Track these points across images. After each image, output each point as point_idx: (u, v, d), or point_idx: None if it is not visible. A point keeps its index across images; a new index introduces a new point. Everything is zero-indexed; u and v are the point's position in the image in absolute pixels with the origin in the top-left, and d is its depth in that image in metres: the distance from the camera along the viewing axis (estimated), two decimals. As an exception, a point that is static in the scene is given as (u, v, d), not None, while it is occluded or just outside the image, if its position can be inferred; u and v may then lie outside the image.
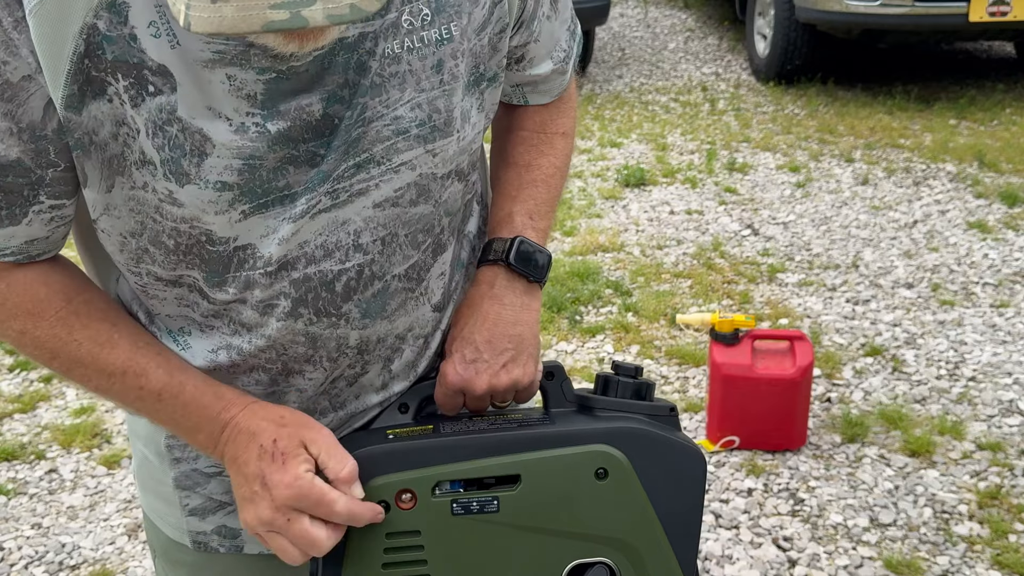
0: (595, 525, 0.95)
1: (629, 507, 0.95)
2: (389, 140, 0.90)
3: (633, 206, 4.55)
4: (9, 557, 2.43)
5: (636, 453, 0.95)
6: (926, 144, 5.24)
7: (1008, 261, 3.86)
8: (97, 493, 2.66)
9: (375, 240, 0.93)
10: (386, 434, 0.97)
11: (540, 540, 0.94)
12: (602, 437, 0.95)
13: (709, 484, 2.61)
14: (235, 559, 1.08)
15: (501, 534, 0.93)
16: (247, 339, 0.95)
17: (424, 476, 0.91)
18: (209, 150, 0.84)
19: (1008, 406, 2.92)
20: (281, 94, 0.84)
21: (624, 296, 3.65)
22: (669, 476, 0.96)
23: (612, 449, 0.94)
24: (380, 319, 0.98)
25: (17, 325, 0.91)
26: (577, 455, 0.94)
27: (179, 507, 1.07)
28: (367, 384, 1.02)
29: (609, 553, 0.95)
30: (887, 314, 3.48)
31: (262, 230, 0.88)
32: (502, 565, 0.93)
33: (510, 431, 0.95)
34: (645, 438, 0.96)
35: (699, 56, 7.31)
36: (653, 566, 0.96)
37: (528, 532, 0.94)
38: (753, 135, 5.51)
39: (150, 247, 0.89)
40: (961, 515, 2.47)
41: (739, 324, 2.72)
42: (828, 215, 4.38)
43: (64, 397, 3.11)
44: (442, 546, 0.92)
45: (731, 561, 2.34)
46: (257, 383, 0.98)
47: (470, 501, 0.92)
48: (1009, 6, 5.43)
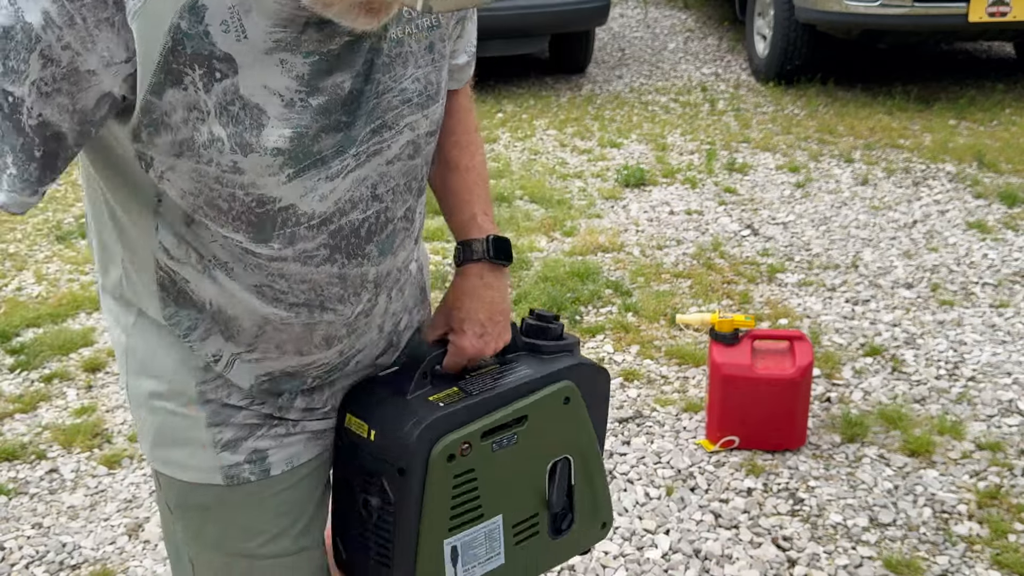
0: (563, 437, 1.38)
1: (580, 421, 1.39)
2: (397, 108, 1.11)
3: (633, 206, 4.56)
4: (10, 557, 2.43)
5: (581, 382, 1.37)
6: (926, 144, 5.24)
7: (1007, 261, 3.86)
8: (98, 493, 2.66)
9: (388, 190, 1.15)
10: (437, 403, 1.26)
11: (537, 454, 1.36)
12: (564, 375, 1.35)
13: (709, 484, 2.62)
14: (259, 485, 1.24)
15: (518, 458, 1.33)
16: (287, 284, 1.14)
17: (474, 430, 1.26)
18: (265, 122, 1.01)
19: (1008, 406, 2.92)
20: (320, 74, 1.03)
21: (624, 296, 3.65)
22: (595, 395, 1.41)
23: (571, 383, 1.36)
24: (389, 255, 1.20)
25: None
26: (554, 392, 1.34)
27: (212, 446, 1.21)
28: (376, 315, 1.25)
29: (568, 452, 1.40)
30: (887, 314, 3.48)
31: (301, 191, 1.06)
32: (519, 477, 1.34)
33: (511, 384, 1.31)
34: (583, 368, 1.39)
35: (699, 56, 7.31)
36: (592, 459, 1.43)
37: (531, 452, 1.35)
38: (753, 135, 5.51)
39: (205, 207, 1.06)
40: (961, 515, 2.48)
41: (739, 324, 2.72)
42: (828, 215, 4.38)
43: (65, 397, 3.11)
44: (487, 475, 1.29)
45: (731, 561, 2.34)
46: (297, 315, 1.17)
47: (501, 439, 1.30)
48: (1009, 6, 5.43)
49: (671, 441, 2.81)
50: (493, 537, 1.34)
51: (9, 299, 3.80)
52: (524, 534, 1.38)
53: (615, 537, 2.43)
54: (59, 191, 4.97)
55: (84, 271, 4.03)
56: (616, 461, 2.72)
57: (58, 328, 3.52)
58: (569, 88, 6.65)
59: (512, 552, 1.37)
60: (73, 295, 3.78)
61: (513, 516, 1.36)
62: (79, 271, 4.03)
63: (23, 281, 3.97)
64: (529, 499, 1.37)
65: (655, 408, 2.97)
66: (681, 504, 2.54)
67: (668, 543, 2.40)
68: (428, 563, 1.28)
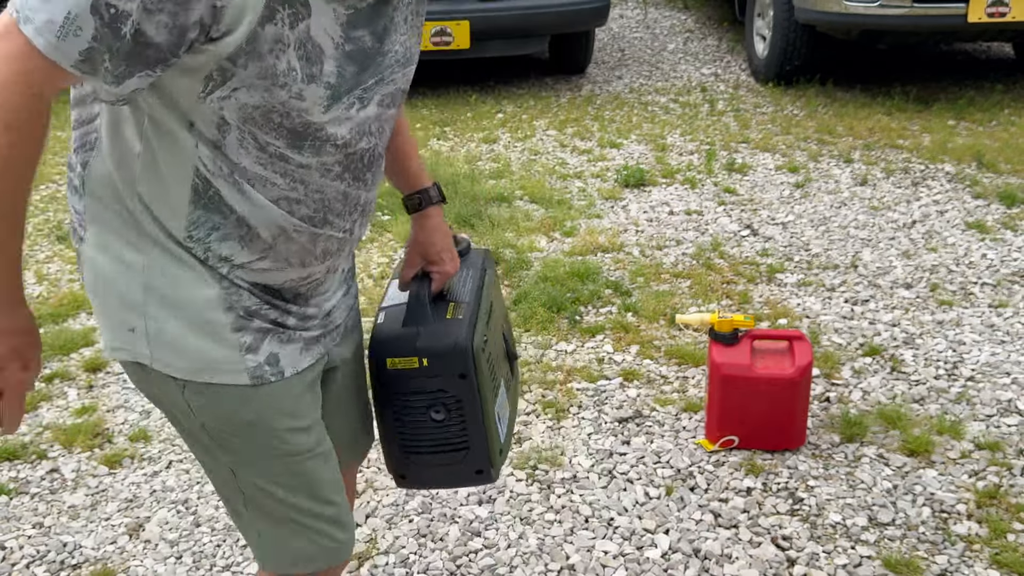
0: (500, 306, 1.80)
1: (499, 290, 1.83)
2: (391, 66, 1.36)
3: (633, 206, 4.56)
4: (11, 556, 2.44)
5: (488, 263, 1.77)
6: (925, 144, 5.24)
7: (1006, 261, 3.87)
8: (98, 492, 2.67)
9: (380, 128, 1.40)
10: (455, 318, 1.59)
11: (498, 325, 1.75)
12: (487, 265, 1.76)
13: (709, 484, 2.62)
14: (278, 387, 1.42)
15: (494, 332, 1.70)
16: (308, 192, 1.35)
17: (483, 324, 1.62)
18: (323, 59, 1.25)
19: (1007, 406, 2.92)
20: (353, 25, 1.28)
21: (624, 296, 3.66)
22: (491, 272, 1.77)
23: (493, 269, 1.78)
24: (375, 184, 1.46)
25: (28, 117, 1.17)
26: (493, 280, 1.75)
27: (238, 349, 1.39)
28: (353, 240, 1.48)
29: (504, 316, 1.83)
30: (886, 314, 3.49)
31: (331, 117, 1.30)
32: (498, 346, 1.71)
33: (474, 286, 1.68)
34: (485, 253, 1.79)
35: (698, 57, 7.32)
36: (507, 317, 1.86)
37: (497, 324, 1.73)
38: (752, 136, 5.52)
39: (259, 119, 1.26)
40: (960, 514, 2.48)
41: (738, 324, 2.73)
42: (827, 215, 4.39)
43: (66, 397, 3.12)
44: (491, 351, 1.64)
45: (730, 560, 2.35)
46: (307, 225, 1.37)
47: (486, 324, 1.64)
48: (1008, 7, 5.44)
49: (671, 441, 2.81)
50: (502, 397, 1.70)
51: (10, 299, 3.80)
52: (508, 387, 1.76)
53: (615, 536, 2.43)
54: (59, 191, 4.97)
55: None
56: (616, 461, 2.73)
57: (59, 328, 3.53)
58: (569, 88, 6.66)
59: (509, 403, 1.77)
60: (74, 295, 3.78)
61: (504, 376, 1.74)
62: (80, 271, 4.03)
63: (24, 281, 3.97)
64: (503, 360, 1.75)
65: (655, 408, 2.97)
66: (681, 504, 2.55)
67: (668, 543, 2.40)
68: (492, 431, 1.62)
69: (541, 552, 2.39)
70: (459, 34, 5.96)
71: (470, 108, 6.25)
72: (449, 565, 2.35)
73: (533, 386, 3.10)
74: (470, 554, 2.39)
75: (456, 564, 2.35)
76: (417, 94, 6.59)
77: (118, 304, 1.39)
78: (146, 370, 1.41)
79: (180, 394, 1.41)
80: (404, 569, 2.35)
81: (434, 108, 6.29)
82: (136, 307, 1.37)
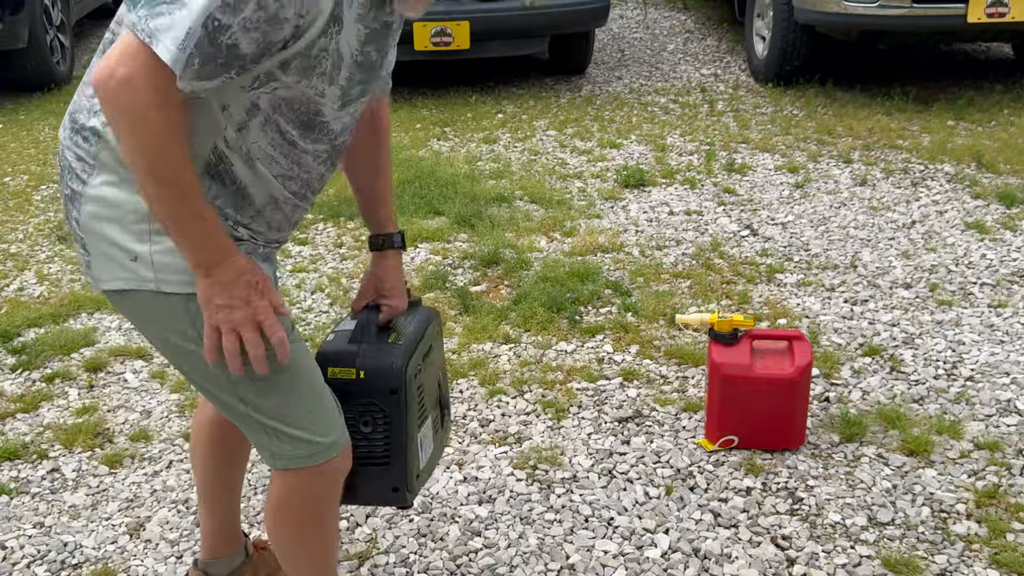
0: (438, 355, 2.00)
1: (441, 344, 2.03)
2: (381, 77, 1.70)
3: (632, 207, 4.57)
4: (11, 556, 2.44)
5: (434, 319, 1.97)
6: (924, 145, 5.25)
7: (1006, 261, 3.87)
8: (99, 492, 2.67)
9: (351, 126, 1.71)
10: (395, 344, 1.81)
11: (433, 369, 1.95)
12: (433, 313, 1.97)
13: (708, 483, 2.63)
14: None
15: (429, 372, 1.91)
16: (300, 172, 1.65)
17: (420, 355, 1.85)
18: (343, 67, 1.54)
19: (1006, 405, 2.93)
20: (366, 42, 1.56)
21: (623, 296, 3.66)
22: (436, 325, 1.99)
23: (438, 320, 1.99)
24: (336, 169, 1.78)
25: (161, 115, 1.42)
26: (436, 326, 1.97)
27: None
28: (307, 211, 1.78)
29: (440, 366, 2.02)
30: (885, 314, 3.49)
31: (334, 116, 1.62)
32: (431, 386, 1.93)
33: (418, 325, 1.89)
34: (434, 311, 1.98)
35: (698, 57, 7.32)
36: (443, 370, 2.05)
37: (433, 367, 1.95)
38: (752, 136, 5.52)
39: (286, 109, 1.55)
40: (959, 514, 2.49)
41: (738, 324, 2.73)
42: (826, 215, 4.39)
43: (66, 397, 3.12)
44: (424, 384, 1.87)
45: (730, 560, 2.35)
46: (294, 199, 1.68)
47: (426, 362, 1.89)
48: (1007, 7, 5.44)
49: (670, 441, 2.81)
50: (427, 429, 1.90)
51: (11, 299, 3.81)
52: (435, 426, 1.96)
53: (615, 536, 2.44)
54: (60, 191, 4.98)
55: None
56: (616, 460, 2.73)
57: (59, 328, 3.53)
58: (569, 89, 6.66)
59: (434, 440, 1.95)
60: (74, 295, 3.79)
61: (433, 414, 1.94)
62: (80, 271, 4.04)
63: (25, 281, 3.98)
64: (433, 400, 1.95)
65: (654, 408, 2.98)
66: (680, 503, 2.55)
67: (667, 542, 2.41)
68: (412, 453, 1.81)
69: (541, 552, 2.39)
70: (459, 34, 5.96)
71: (470, 108, 6.26)
72: (449, 565, 2.35)
73: (533, 386, 3.10)
74: (470, 554, 2.39)
75: (456, 564, 2.36)
76: (417, 94, 6.60)
77: (120, 232, 1.59)
78: (142, 295, 1.61)
79: (183, 306, 1.59)
80: (404, 569, 2.35)
81: (434, 108, 6.29)
82: (141, 233, 1.58)
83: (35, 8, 6.43)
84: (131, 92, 1.39)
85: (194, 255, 1.52)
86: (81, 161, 1.60)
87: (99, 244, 1.61)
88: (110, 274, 1.62)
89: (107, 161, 1.58)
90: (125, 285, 1.61)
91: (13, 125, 6.12)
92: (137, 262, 1.58)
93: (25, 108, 6.47)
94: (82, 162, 1.60)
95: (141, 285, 1.59)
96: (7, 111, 6.43)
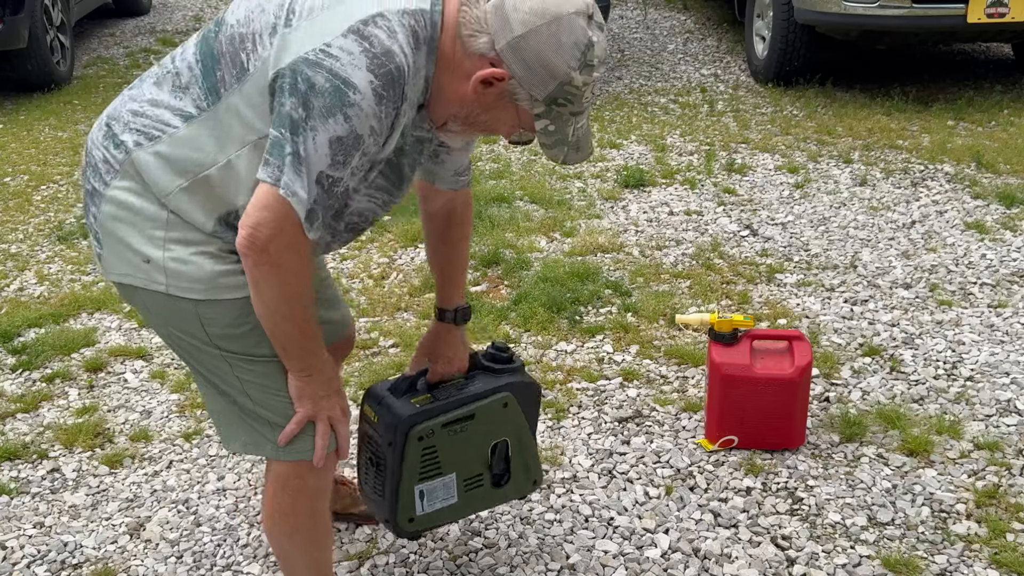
0: (502, 427, 2.12)
1: (515, 417, 2.12)
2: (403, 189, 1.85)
3: (632, 207, 4.57)
4: (11, 556, 2.44)
5: (517, 392, 2.11)
6: (924, 145, 5.25)
7: (1006, 261, 3.87)
8: (99, 492, 2.67)
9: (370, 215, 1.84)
10: (415, 404, 2.02)
11: (482, 438, 2.10)
12: (504, 388, 2.09)
13: (708, 483, 2.63)
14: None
15: (469, 439, 2.08)
16: (327, 236, 1.77)
17: (436, 423, 2.02)
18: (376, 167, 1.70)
19: (1006, 406, 2.93)
20: (399, 153, 1.74)
21: (623, 296, 3.66)
22: (528, 400, 2.14)
23: (509, 394, 2.09)
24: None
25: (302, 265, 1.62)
26: (496, 400, 2.08)
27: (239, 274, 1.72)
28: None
29: (506, 436, 2.13)
30: (885, 314, 3.49)
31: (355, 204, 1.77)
32: (469, 451, 2.09)
33: (467, 393, 2.06)
34: (519, 384, 2.12)
35: (698, 58, 7.32)
36: (524, 439, 2.16)
37: (478, 436, 2.09)
38: (752, 136, 5.52)
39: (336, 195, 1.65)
40: (959, 514, 2.49)
41: (738, 324, 2.73)
42: (826, 216, 4.39)
43: (67, 397, 3.12)
44: (445, 450, 2.05)
45: (730, 560, 2.35)
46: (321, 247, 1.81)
47: (456, 428, 2.05)
48: (1007, 7, 5.44)
49: (670, 440, 2.82)
50: (448, 486, 2.10)
51: (11, 299, 3.81)
52: (471, 485, 2.13)
53: (615, 536, 2.44)
54: (60, 191, 4.97)
55: (85, 271, 4.03)
56: (616, 460, 2.73)
57: (60, 328, 3.53)
58: (568, 89, 6.66)
59: (463, 495, 2.13)
60: (75, 295, 3.79)
61: (464, 473, 2.11)
62: (80, 271, 4.04)
63: (25, 281, 3.98)
64: (476, 464, 2.12)
65: (654, 408, 2.98)
66: (680, 503, 2.55)
67: (667, 542, 2.41)
68: (405, 499, 2.05)
69: (541, 552, 2.39)
70: (459, 35, 5.96)
71: (470, 108, 6.25)
72: (449, 565, 2.35)
73: (533, 386, 3.11)
74: (470, 554, 2.39)
75: (456, 564, 2.36)
76: (417, 94, 6.59)
77: (136, 236, 1.67)
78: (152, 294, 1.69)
79: (193, 311, 1.68)
80: (404, 569, 2.35)
81: (434, 108, 6.28)
82: (156, 240, 1.66)
83: (35, 8, 6.43)
84: (278, 251, 1.57)
85: (298, 364, 1.73)
86: (107, 163, 1.69)
87: (114, 242, 1.70)
88: (122, 269, 1.70)
89: (130, 171, 1.67)
90: (135, 282, 1.70)
91: (13, 125, 6.12)
92: (150, 264, 1.66)
93: (25, 108, 6.47)
94: (107, 164, 1.69)
95: (151, 285, 1.68)
96: (7, 111, 6.43)
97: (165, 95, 1.65)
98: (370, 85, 1.50)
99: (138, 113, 1.67)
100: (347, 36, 1.49)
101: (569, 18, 1.52)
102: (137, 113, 1.67)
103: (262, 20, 1.58)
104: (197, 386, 1.99)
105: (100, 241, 1.72)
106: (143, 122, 1.66)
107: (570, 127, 1.62)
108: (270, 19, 1.58)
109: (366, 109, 1.51)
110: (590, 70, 1.56)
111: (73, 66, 7.23)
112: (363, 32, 1.50)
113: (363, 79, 1.49)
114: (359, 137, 1.53)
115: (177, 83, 1.65)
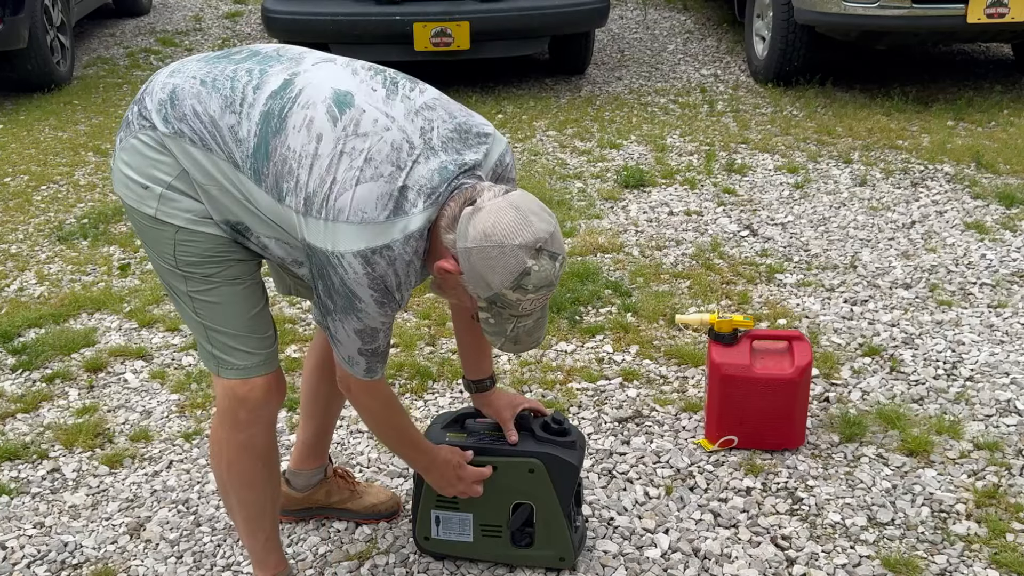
0: (526, 490, 2.23)
1: (542, 485, 2.22)
2: None
3: (632, 207, 4.57)
4: (11, 556, 2.44)
5: (550, 464, 2.21)
6: (924, 145, 5.25)
7: (1005, 261, 3.88)
8: (99, 492, 2.67)
9: None
10: (447, 435, 2.28)
11: (503, 493, 2.24)
12: (536, 456, 2.21)
13: (708, 483, 2.63)
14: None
15: (488, 488, 2.22)
16: None
17: None
18: None
19: (1006, 406, 2.93)
20: None
21: (623, 296, 3.66)
22: (561, 474, 2.22)
23: (537, 461, 2.21)
24: None
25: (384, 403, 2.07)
26: (521, 462, 2.22)
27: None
28: None
29: (530, 500, 2.23)
30: (885, 314, 3.50)
31: None
32: (488, 500, 2.23)
33: (497, 445, 2.24)
34: (555, 457, 2.21)
35: (698, 58, 7.32)
36: (550, 511, 2.23)
37: (498, 489, 2.23)
38: (752, 136, 5.52)
39: None
40: (959, 514, 2.49)
41: (738, 324, 2.73)
42: (826, 216, 4.39)
43: (67, 397, 3.12)
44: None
45: (730, 560, 2.35)
46: None
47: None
48: (1007, 8, 5.44)
49: (670, 441, 2.82)
50: (464, 523, 2.28)
51: (11, 299, 3.81)
52: (489, 532, 2.28)
53: (615, 536, 2.44)
54: (60, 191, 4.97)
55: (85, 271, 4.03)
56: (616, 460, 2.73)
57: (60, 328, 3.53)
58: (569, 89, 6.67)
59: (479, 538, 2.28)
60: (75, 295, 3.79)
61: (481, 519, 2.27)
62: (80, 272, 4.04)
63: (25, 281, 3.98)
64: (495, 515, 2.26)
65: (654, 408, 2.98)
66: (680, 503, 2.55)
67: (667, 542, 2.41)
68: (424, 520, 2.29)
69: (541, 552, 2.39)
70: (459, 35, 5.97)
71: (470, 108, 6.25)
72: (449, 565, 2.35)
73: (533, 386, 3.10)
74: (470, 554, 2.40)
75: (456, 564, 2.36)
76: (417, 95, 6.59)
77: (149, 170, 1.88)
78: (143, 215, 1.91)
79: (172, 235, 1.90)
80: (404, 569, 2.35)
81: (434, 109, 6.28)
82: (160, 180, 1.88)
83: (35, 8, 6.43)
84: (357, 398, 2.02)
85: (414, 466, 2.21)
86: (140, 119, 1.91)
87: (123, 171, 1.93)
88: (126, 191, 1.94)
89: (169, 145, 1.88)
90: (132, 203, 1.93)
91: (13, 125, 6.12)
92: (147, 191, 1.89)
93: (25, 108, 6.47)
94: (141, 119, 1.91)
95: (143, 208, 1.90)
96: (7, 111, 6.43)
97: (226, 132, 1.83)
98: (372, 297, 1.79)
99: (199, 116, 1.85)
100: (356, 257, 1.75)
101: (511, 248, 1.72)
102: (198, 116, 1.85)
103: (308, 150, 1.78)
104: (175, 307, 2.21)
105: (115, 166, 1.95)
106: (199, 127, 1.84)
107: (509, 324, 1.84)
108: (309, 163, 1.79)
109: (372, 313, 1.82)
110: (524, 291, 1.76)
111: (73, 66, 7.23)
112: (369, 259, 1.75)
113: (366, 294, 1.78)
114: (375, 330, 1.85)
115: (236, 132, 1.83)
